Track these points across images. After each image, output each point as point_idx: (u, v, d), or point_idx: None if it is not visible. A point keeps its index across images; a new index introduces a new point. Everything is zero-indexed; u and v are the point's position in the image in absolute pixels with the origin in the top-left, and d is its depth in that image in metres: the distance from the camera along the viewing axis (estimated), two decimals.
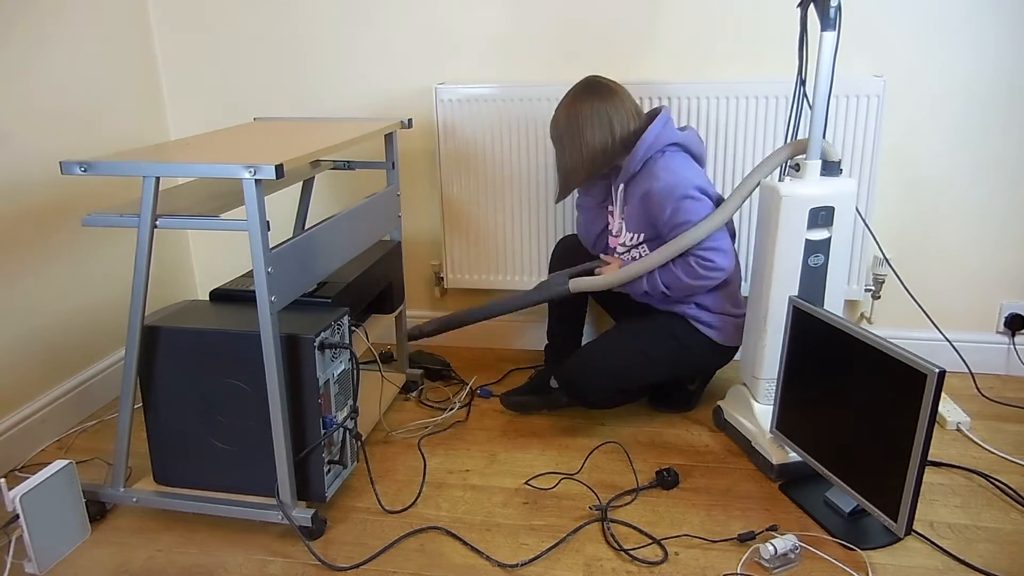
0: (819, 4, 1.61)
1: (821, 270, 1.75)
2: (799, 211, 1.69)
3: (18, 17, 1.91)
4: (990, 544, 1.54)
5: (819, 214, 1.70)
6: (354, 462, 1.74)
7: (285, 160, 1.38)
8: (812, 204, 1.69)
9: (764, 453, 1.78)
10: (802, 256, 1.73)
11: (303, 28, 2.36)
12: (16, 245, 1.93)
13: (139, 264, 1.49)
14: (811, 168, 1.71)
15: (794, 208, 1.69)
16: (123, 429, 1.60)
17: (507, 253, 2.38)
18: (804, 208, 1.69)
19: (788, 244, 1.72)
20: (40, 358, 2.01)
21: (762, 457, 1.79)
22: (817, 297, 1.76)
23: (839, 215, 1.71)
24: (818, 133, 1.69)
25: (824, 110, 1.67)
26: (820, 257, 1.74)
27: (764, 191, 1.76)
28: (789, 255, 1.73)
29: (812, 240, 1.72)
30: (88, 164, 1.41)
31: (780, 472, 1.75)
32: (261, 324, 1.44)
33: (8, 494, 1.45)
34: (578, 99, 1.84)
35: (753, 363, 1.85)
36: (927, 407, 1.35)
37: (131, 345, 1.54)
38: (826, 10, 1.60)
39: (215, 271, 2.68)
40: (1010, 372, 2.27)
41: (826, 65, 1.63)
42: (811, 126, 1.69)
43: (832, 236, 1.72)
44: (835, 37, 1.61)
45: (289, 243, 1.53)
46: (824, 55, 1.62)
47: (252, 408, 1.56)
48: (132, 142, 2.34)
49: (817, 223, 1.71)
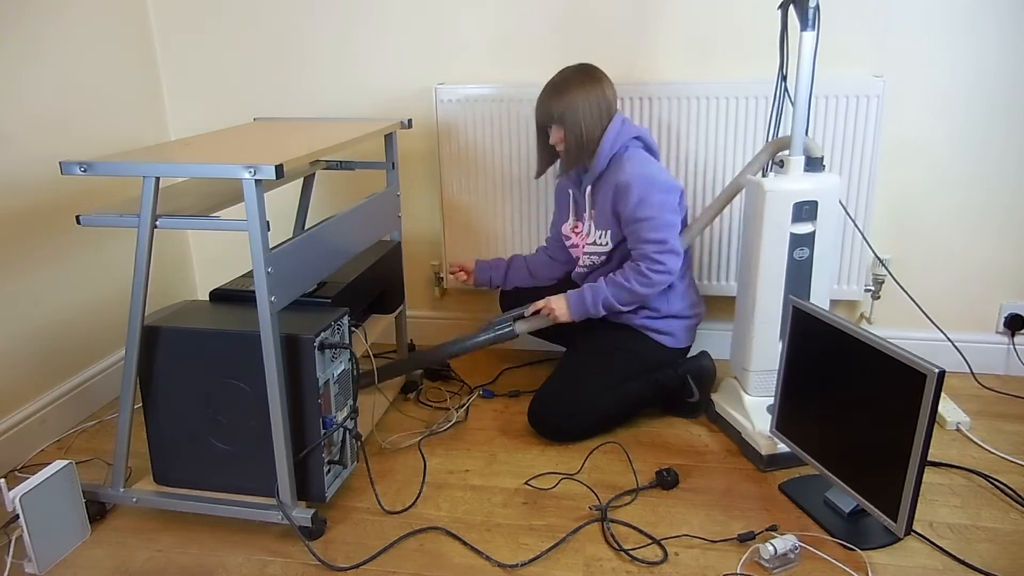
0: (799, 5, 1.67)
1: (807, 263, 1.79)
2: (783, 205, 1.74)
3: (18, 17, 1.91)
4: (990, 544, 1.54)
5: (803, 208, 1.74)
6: (354, 462, 1.74)
7: (285, 160, 1.38)
8: (796, 199, 1.74)
9: (754, 444, 1.81)
10: (787, 250, 1.76)
11: (303, 28, 2.36)
12: (16, 245, 1.93)
13: (139, 264, 1.49)
14: (794, 164, 1.76)
15: (778, 203, 1.73)
16: (123, 429, 1.60)
17: (507, 253, 2.38)
18: (788, 203, 1.74)
19: (773, 238, 1.76)
20: (40, 358, 2.01)
21: (752, 449, 1.82)
22: (803, 290, 1.81)
23: (823, 209, 1.76)
24: (800, 129, 1.74)
25: (806, 108, 1.73)
26: (805, 251, 1.77)
27: (749, 187, 1.81)
28: (775, 249, 1.77)
29: (797, 234, 1.76)
30: (88, 164, 1.41)
31: (769, 462, 1.78)
32: (261, 324, 1.44)
33: (8, 494, 1.45)
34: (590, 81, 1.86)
35: (742, 356, 1.88)
36: (927, 407, 1.35)
37: (131, 345, 1.54)
38: (805, 11, 1.66)
39: (215, 271, 2.68)
40: (1010, 372, 2.27)
41: (807, 64, 1.69)
42: (793, 123, 1.74)
43: (816, 230, 1.77)
44: (815, 37, 1.68)
45: (289, 243, 1.53)
46: (805, 54, 1.69)
47: (252, 408, 1.56)
48: (132, 142, 2.34)
49: (801, 217, 1.75)
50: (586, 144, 1.88)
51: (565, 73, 1.89)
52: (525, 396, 2.21)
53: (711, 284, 2.29)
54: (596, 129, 1.87)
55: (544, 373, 2.32)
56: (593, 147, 1.89)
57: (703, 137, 2.17)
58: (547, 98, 1.88)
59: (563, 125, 1.87)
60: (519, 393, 2.23)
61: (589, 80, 1.86)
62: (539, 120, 1.93)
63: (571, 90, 1.85)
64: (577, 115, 1.85)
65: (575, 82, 1.86)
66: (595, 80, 1.87)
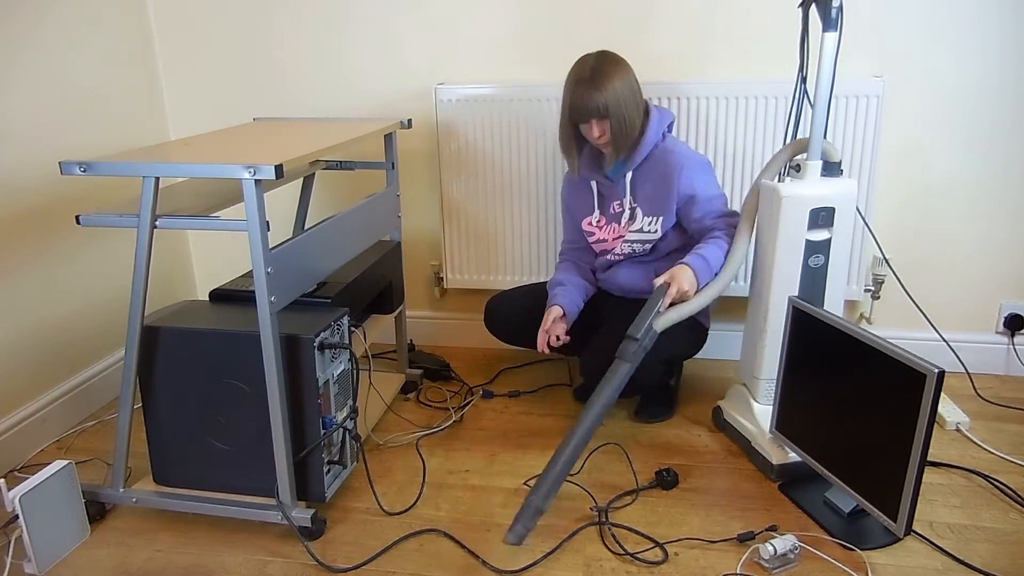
0: (821, 4, 1.62)
1: (821, 271, 1.74)
2: (799, 212, 1.69)
3: (18, 17, 1.91)
4: (990, 544, 1.54)
5: (820, 215, 1.70)
6: (353, 462, 1.74)
7: (285, 160, 1.37)
8: (813, 205, 1.69)
9: (764, 453, 1.78)
10: (802, 257, 1.73)
11: (303, 28, 2.36)
12: (15, 245, 1.93)
13: (139, 264, 1.49)
14: (812, 168, 1.71)
15: (795, 209, 1.69)
16: (123, 429, 1.60)
17: (507, 253, 2.38)
18: (805, 209, 1.69)
19: (788, 245, 1.72)
20: (40, 358, 2.01)
21: (762, 457, 1.79)
22: (817, 298, 1.76)
23: (840, 216, 1.71)
24: (819, 133, 1.69)
25: (825, 110, 1.67)
26: (820, 258, 1.73)
27: (764, 191, 1.76)
28: (789, 256, 1.73)
29: (812, 241, 1.71)
30: (88, 164, 1.41)
31: (780, 472, 1.75)
32: (261, 324, 1.44)
33: (8, 494, 1.45)
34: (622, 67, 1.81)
35: (753, 363, 1.85)
36: (927, 407, 1.35)
37: (131, 345, 1.54)
38: (828, 11, 1.60)
39: (215, 271, 2.68)
40: (1010, 372, 2.27)
41: (827, 65, 1.63)
42: (812, 126, 1.69)
43: (832, 237, 1.72)
44: (836, 37, 1.62)
45: (289, 243, 1.52)
46: (826, 55, 1.63)
47: (252, 408, 1.56)
48: (132, 142, 2.34)
49: (818, 224, 1.70)
50: (630, 131, 1.82)
51: (593, 64, 1.80)
52: (525, 396, 2.21)
53: None
54: (636, 116, 1.83)
55: (544, 372, 2.33)
56: (635, 134, 1.84)
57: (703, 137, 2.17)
58: (590, 91, 1.78)
59: (608, 117, 1.79)
60: (519, 393, 2.23)
61: (621, 66, 1.81)
62: (584, 116, 1.82)
63: (611, 80, 1.77)
64: (621, 105, 1.78)
65: (611, 71, 1.79)
66: (625, 65, 1.82)
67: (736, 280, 2.26)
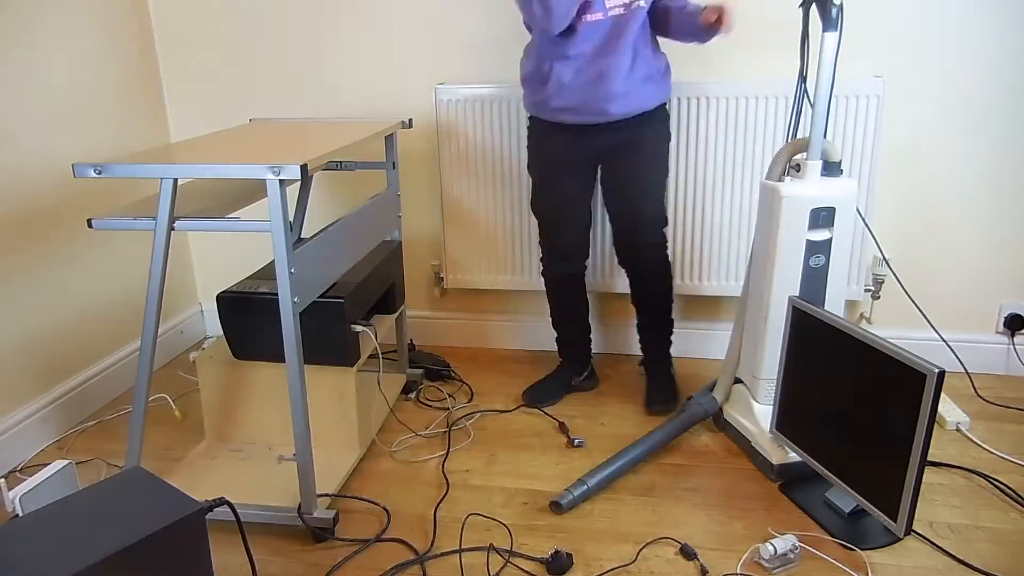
0: (821, 4, 1.62)
1: (822, 271, 1.75)
2: (800, 212, 1.69)
3: (18, 17, 1.91)
4: (990, 544, 1.54)
5: (820, 215, 1.70)
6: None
7: (308, 160, 1.37)
8: (813, 205, 1.69)
9: (764, 453, 1.79)
10: (803, 257, 1.73)
11: (303, 28, 2.36)
12: (16, 246, 1.92)
13: (155, 267, 1.47)
14: (812, 168, 1.71)
15: (795, 209, 1.69)
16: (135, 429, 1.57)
17: (507, 253, 2.38)
18: (805, 209, 1.69)
19: (789, 245, 1.72)
20: (40, 358, 2.01)
21: (762, 457, 1.79)
22: (818, 298, 1.76)
23: (840, 216, 1.71)
24: (819, 133, 1.69)
25: (825, 110, 1.67)
26: (821, 258, 1.73)
27: (764, 191, 1.76)
28: (790, 256, 1.73)
29: (813, 241, 1.72)
30: (103, 167, 1.38)
31: (780, 472, 1.75)
32: (284, 324, 1.43)
33: (8, 494, 1.45)
34: None
35: (753, 363, 1.85)
36: (927, 407, 1.35)
37: (145, 348, 1.52)
38: (828, 10, 1.61)
39: (215, 271, 2.68)
40: (1010, 372, 2.27)
41: (828, 65, 1.64)
42: (812, 126, 1.69)
43: (833, 237, 1.72)
44: (837, 37, 1.62)
45: (309, 243, 1.52)
46: (826, 55, 1.63)
47: None
48: (132, 142, 2.33)
49: (818, 224, 1.71)
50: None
51: None
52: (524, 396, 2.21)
53: (710, 284, 2.28)
54: None
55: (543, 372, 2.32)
56: None
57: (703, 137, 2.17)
58: None
59: None
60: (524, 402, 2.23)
61: None
62: None
63: None
64: None
65: None
66: None
67: (726, 280, 2.27)
